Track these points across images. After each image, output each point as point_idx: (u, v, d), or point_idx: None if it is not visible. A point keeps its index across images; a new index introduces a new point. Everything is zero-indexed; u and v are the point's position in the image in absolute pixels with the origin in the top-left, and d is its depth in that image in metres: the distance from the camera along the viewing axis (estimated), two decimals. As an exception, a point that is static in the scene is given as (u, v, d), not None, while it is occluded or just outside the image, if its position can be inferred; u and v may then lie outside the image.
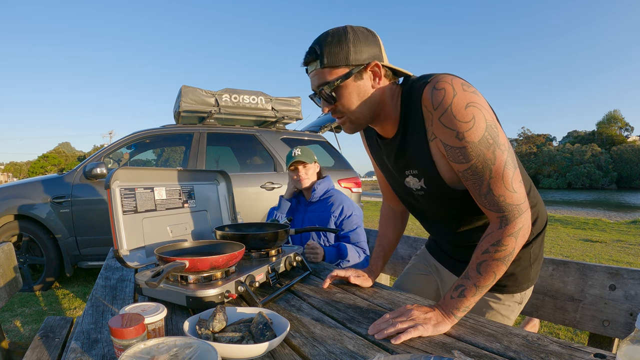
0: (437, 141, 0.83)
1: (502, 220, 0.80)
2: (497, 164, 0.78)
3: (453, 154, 0.81)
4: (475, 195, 0.83)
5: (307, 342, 0.75)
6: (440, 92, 0.79)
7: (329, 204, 1.88)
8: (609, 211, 16.86)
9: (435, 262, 1.22)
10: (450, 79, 0.79)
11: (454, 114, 0.77)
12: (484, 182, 0.80)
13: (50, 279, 3.43)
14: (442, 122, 0.79)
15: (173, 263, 0.89)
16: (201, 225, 1.43)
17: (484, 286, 0.80)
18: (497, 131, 0.78)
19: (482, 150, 0.78)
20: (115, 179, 1.10)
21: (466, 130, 0.77)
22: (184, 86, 3.80)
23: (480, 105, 0.78)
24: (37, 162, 56.54)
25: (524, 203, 0.80)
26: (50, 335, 1.46)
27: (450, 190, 0.89)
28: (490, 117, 0.78)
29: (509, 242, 0.79)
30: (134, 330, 0.63)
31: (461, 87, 0.78)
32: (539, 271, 1.07)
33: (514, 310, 1.05)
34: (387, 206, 1.26)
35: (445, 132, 0.80)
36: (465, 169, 0.81)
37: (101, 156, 3.59)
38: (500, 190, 0.79)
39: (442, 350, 0.70)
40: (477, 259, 0.81)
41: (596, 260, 4.68)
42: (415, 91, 0.85)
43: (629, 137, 70.81)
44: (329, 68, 0.84)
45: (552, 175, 65.20)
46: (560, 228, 8.12)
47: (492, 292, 1.02)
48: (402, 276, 1.34)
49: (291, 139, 4.10)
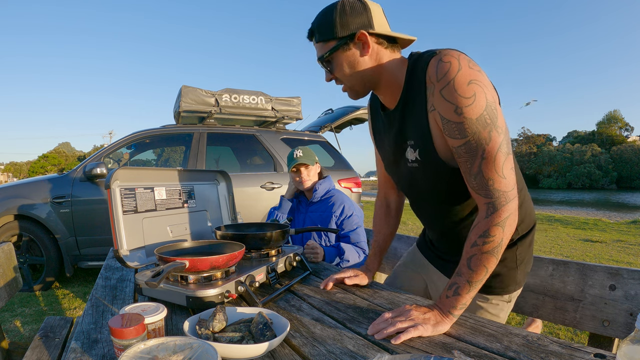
0: (435, 113, 0.83)
1: (489, 207, 0.80)
2: (491, 145, 0.78)
3: (449, 129, 0.81)
4: (465, 175, 0.83)
5: (307, 342, 0.75)
6: (445, 65, 0.79)
7: (330, 204, 1.89)
8: (609, 211, 16.86)
9: (426, 261, 1.22)
10: (458, 54, 0.80)
11: (455, 88, 0.77)
12: (475, 161, 0.80)
13: (50, 279, 3.43)
14: (443, 94, 0.80)
15: (173, 263, 0.89)
16: (201, 225, 1.43)
17: (477, 281, 0.80)
18: (496, 113, 0.78)
19: (479, 129, 0.78)
20: (115, 179, 1.10)
21: (465, 106, 0.77)
22: (184, 86, 3.80)
23: (483, 84, 0.78)
24: (37, 162, 56.52)
25: (512, 190, 0.79)
26: (50, 335, 1.46)
27: (443, 165, 0.89)
28: (491, 98, 0.78)
29: (496, 232, 0.78)
30: (134, 330, 0.63)
31: (467, 63, 0.79)
32: (527, 275, 1.06)
33: (503, 309, 1.04)
34: (382, 201, 1.26)
35: (444, 105, 0.80)
36: (459, 145, 0.81)
37: (101, 156, 3.59)
38: (490, 173, 0.79)
39: (442, 350, 0.70)
40: (466, 254, 0.81)
41: (596, 260, 4.68)
42: (421, 62, 0.86)
43: (629, 137, 70.81)
44: (322, 42, 0.92)
45: (552, 175, 65.19)
46: (560, 228, 8.12)
47: (479, 292, 1.02)
48: (393, 274, 1.35)
49: (291, 139, 4.10)
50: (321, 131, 4.50)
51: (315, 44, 0.94)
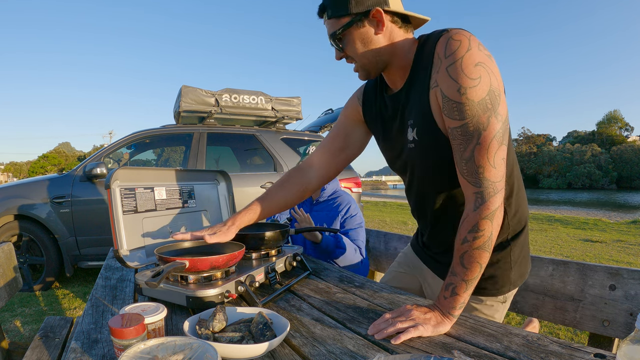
0: (437, 90, 0.82)
1: (477, 199, 0.79)
2: (487, 131, 0.77)
3: (449, 108, 0.80)
4: (457, 158, 0.82)
5: (307, 342, 0.75)
6: (455, 43, 0.78)
7: (336, 204, 1.93)
8: (609, 211, 16.86)
9: (419, 262, 1.20)
10: (469, 35, 0.79)
11: (462, 67, 0.77)
12: (469, 145, 0.79)
13: (50, 279, 3.43)
14: (448, 71, 0.79)
15: (173, 263, 0.89)
16: (201, 225, 1.43)
17: (473, 279, 0.80)
18: (498, 100, 0.78)
19: (478, 112, 0.77)
20: (115, 179, 1.09)
21: (469, 87, 0.76)
22: (184, 86, 3.80)
23: (490, 68, 0.77)
24: (37, 162, 56.53)
25: (500, 182, 0.79)
26: (50, 335, 1.46)
27: (439, 147, 0.87)
28: (496, 84, 0.78)
29: (485, 226, 0.78)
30: (134, 330, 0.63)
31: (477, 45, 0.78)
32: (525, 275, 1.04)
33: (498, 310, 1.03)
34: (302, 167, 1.20)
35: (448, 82, 0.79)
36: (456, 126, 0.80)
37: (101, 156, 3.59)
38: (482, 161, 0.78)
39: (442, 350, 0.70)
40: (458, 252, 0.81)
41: (596, 260, 4.68)
42: (431, 40, 0.85)
43: (629, 137, 70.86)
44: (335, 18, 0.89)
45: (552, 175, 65.22)
46: (560, 228, 8.12)
47: (473, 294, 1.00)
48: (387, 274, 1.34)
49: (291, 139, 4.10)
50: (321, 131, 4.50)
51: (327, 20, 0.91)
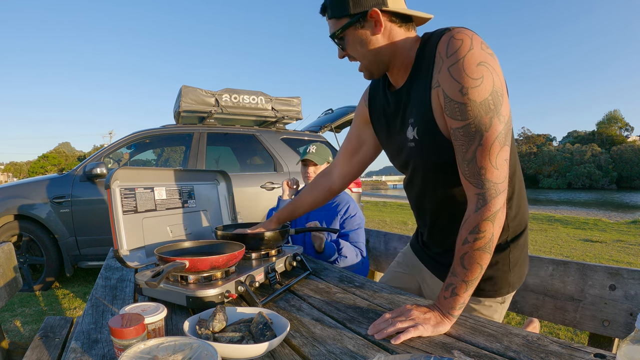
0: (439, 90, 0.81)
1: (479, 200, 0.78)
2: (490, 132, 0.76)
3: (451, 108, 0.79)
4: (459, 159, 0.82)
5: (307, 342, 0.75)
6: (457, 42, 0.77)
7: (335, 204, 1.92)
8: (609, 211, 16.86)
9: (418, 262, 1.20)
10: (472, 34, 0.78)
11: (464, 67, 0.76)
12: (471, 146, 0.78)
13: (50, 279, 3.43)
14: (450, 71, 0.78)
15: (173, 263, 0.89)
16: (201, 225, 1.43)
17: (473, 279, 0.79)
18: (501, 100, 0.77)
19: (481, 113, 0.76)
20: (115, 179, 1.09)
21: (471, 87, 0.75)
22: (184, 86, 3.80)
23: (493, 68, 0.76)
24: (37, 162, 56.52)
25: (502, 183, 0.78)
26: (50, 335, 1.46)
27: (439, 147, 0.87)
28: (499, 84, 0.77)
29: (486, 227, 0.77)
30: (134, 330, 0.63)
31: (480, 44, 0.77)
32: (524, 276, 1.04)
33: (497, 311, 1.02)
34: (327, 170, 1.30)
35: (450, 83, 0.78)
36: (458, 126, 0.79)
37: (101, 156, 3.59)
38: (484, 162, 0.77)
39: (442, 350, 0.70)
40: (459, 252, 0.80)
41: (596, 260, 4.68)
42: (433, 39, 0.84)
43: (629, 137, 70.85)
44: (335, 19, 0.90)
45: (552, 175, 65.20)
46: (560, 228, 8.12)
47: (472, 295, 1.00)
48: (387, 274, 1.34)
49: (291, 139, 4.10)
50: (321, 131, 4.50)
51: (328, 19, 0.92)
